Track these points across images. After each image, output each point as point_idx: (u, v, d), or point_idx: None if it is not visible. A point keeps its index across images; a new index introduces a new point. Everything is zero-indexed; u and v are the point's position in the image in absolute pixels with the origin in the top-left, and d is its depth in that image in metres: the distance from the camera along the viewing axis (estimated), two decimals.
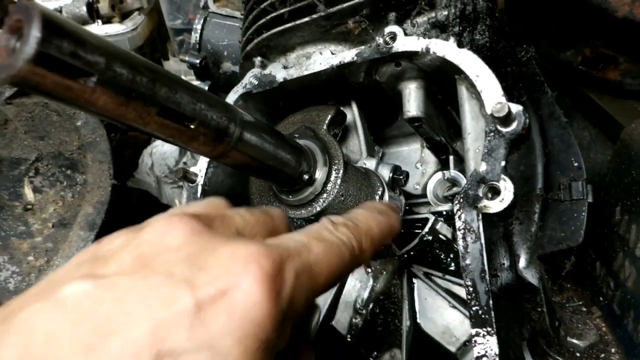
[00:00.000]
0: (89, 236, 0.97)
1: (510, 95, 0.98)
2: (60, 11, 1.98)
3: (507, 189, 0.68)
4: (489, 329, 0.66)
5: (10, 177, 1.01)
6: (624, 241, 1.04)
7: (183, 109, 0.62)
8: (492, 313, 0.66)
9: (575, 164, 0.97)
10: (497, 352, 0.65)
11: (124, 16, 2.00)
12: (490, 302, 0.67)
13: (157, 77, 0.59)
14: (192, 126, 0.64)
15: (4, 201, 0.98)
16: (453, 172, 1.09)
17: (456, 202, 0.70)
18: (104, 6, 1.93)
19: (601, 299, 1.14)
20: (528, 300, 1.04)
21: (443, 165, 1.17)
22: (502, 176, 0.69)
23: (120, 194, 1.22)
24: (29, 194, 0.99)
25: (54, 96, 0.54)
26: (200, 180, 1.02)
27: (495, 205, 0.69)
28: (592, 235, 1.14)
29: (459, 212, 0.69)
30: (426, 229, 1.13)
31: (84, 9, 1.89)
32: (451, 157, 1.09)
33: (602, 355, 1.08)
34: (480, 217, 0.69)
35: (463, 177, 1.09)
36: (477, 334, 0.66)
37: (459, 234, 0.69)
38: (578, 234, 0.94)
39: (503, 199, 0.68)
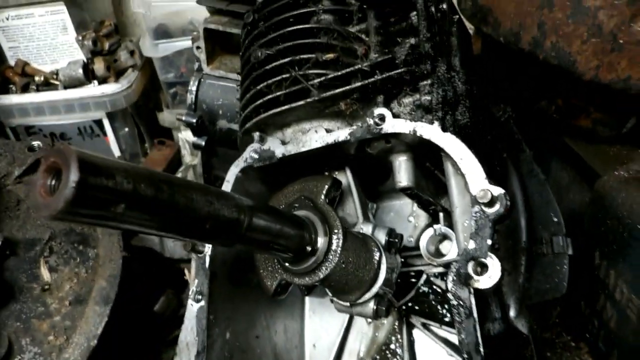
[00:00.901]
0: (105, 311, 1.02)
1: (489, 161, 1.07)
2: (57, 74, 2.05)
3: (494, 265, 0.76)
4: None
5: (27, 259, 1.07)
6: (605, 285, 1.11)
7: (199, 214, 0.69)
8: None
9: (555, 219, 1.05)
10: None
11: (119, 74, 2.07)
12: None
13: (174, 190, 0.66)
14: (207, 226, 0.71)
15: (23, 284, 1.03)
16: (443, 228, 1.16)
17: (449, 280, 0.77)
18: (99, 67, 2.00)
19: (587, 335, 1.22)
20: (519, 347, 1.10)
21: (434, 218, 1.25)
22: (489, 254, 0.77)
23: (128, 262, 1.27)
24: (45, 274, 1.05)
25: (87, 223, 0.61)
26: (208, 251, 1.08)
27: (484, 282, 0.76)
28: (575, 276, 1.23)
29: (452, 290, 0.77)
30: (421, 282, 1.21)
31: (80, 71, 1.95)
32: (440, 214, 1.16)
33: None
34: (472, 293, 0.76)
35: (452, 232, 1.16)
36: None
37: (455, 311, 0.76)
38: (562, 285, 1.02)
39: (491, 276, 0.76)
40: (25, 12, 2.05)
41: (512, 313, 1.07)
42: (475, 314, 0.75)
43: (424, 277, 1.19)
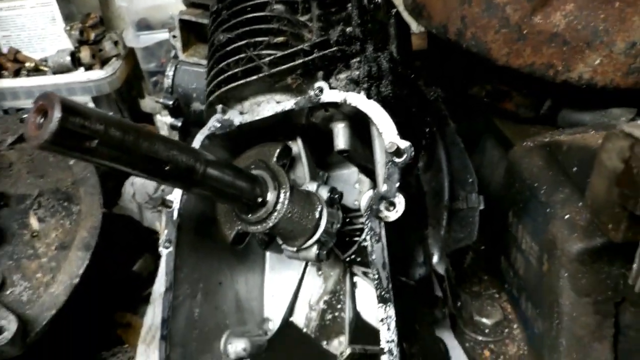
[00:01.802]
0: (86, 255, 1.20)
1: (417, 130, 1.26)
2: (46, 61, 2.21)
3: (400, 202, 0.95)
4: (389, 304, 0.91)
5: (18, 210, 1.24)
6: (515, 238, 1.31)
7: (160, 156, 0.87)
8: (391, 293, 0.92)
9: (470, 180, 1.25)
10: (396, 319, 0.90)
11: (104, 62, 2.24)
12: (390, 285, 0.92)
13: (140, 135, 0.84)
14: (167, 168, 0.89)
15: (15, 230, 1.20)
16: None
17: (364, 214, 0.96)
18: (85, 55, 2.17)
19: (506, 285, 1.42)
20: (443, 289, 1.30)
21: (376, 185, 1.43)
22: (397, 193, 0.96)
23: (108, 220, 1.44)
24: (34, 223, 1.21)
25: (68, 154, 0.78)
26: (176, 205, 1.26)
27: (392, 215, 0.95)
28: (496, 235, 1.43)
29: (367, 222, 0.96)
30: (363, 237, 1.40)
31: (68, 58, 2.12)
32: None
33: (506, 330, 1.35)
34: (382, 224, 0.95)
35: None
36: (381, 308, 0.91)
37: (367, 238, 0.95)
38: (473, 234, 1.21)
39: (397, 211, 0.95)
40: (17, 3, 2.21)
41: (435, 259, 1.27)
42: (384, 240, 0.94)
43: (365, 232, 1.38)
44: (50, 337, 1.16)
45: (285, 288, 1.48)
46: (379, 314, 0.89)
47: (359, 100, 1.05)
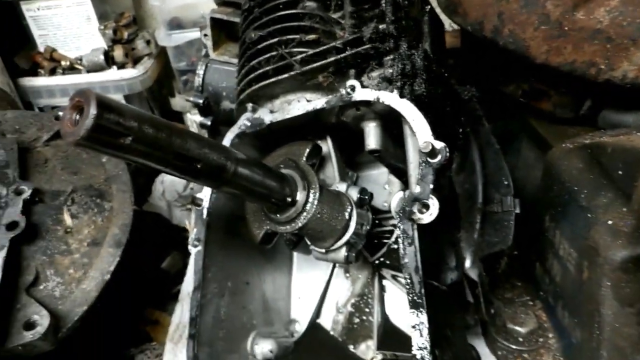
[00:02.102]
0: (117, 252, 1.21)
1: (451, 130, 1.23)
2: (81, 60, 2.26)
3: (434, 205, 0.92)
4: (422, 310, 0.89)
5: (52, 206, 1.26)
6: (552, 244, 1.26)
7: (192, 154, 0.86)
8: (424, 298, 0.89)
9: (505, 183, 1.21)
10: (428, 326, 0.87)
11: (136, 61, 2.28)
12: (423, 290, 0.90)
13: (172, 132, 0.83)
14: (198, 166, 0.88)
15: (49, 226, 1.22)
16: None
17: (396, 215, 0.93)
18: (118, 54, 2.21)
19: (541, 293, 1.37)
20: (475, 295, 1.26)
21: (406, 186, 1.41)
22: (431, 195, 0.93)
23: (138, 217, 1.46)
24: (67, 219, 1.23)
25: (102, 151, 0.78)
26: (205, 204, 1.26)
27: (426, 218, 0.92)
28: (531, 240, 1.38)
29: (399, 224, 0.93)
30: (392, 239, 1.37)
31: (102, 57, 2.16)
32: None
33: (541, 339, 1.30)
34: (415, 227, 0.92)
35: None
36: (413, 313, 0.89)
37: (399, 240, 0.93)
38: (508, 238, 1.17)
39: (431, 213, 0.92)
40: (53, 3, 2.26)
41: (467, 264, 1.23)
42: (416, 244, 0.91)
43: (395, 235, 1.35)
44: (81, 333, 1.17)
45: (313, 289, 1.47)
46: (410, 320, 0.87)
47: (392, 99, 1.02)
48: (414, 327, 0.87)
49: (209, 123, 1.89)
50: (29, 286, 1.14)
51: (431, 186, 0.93)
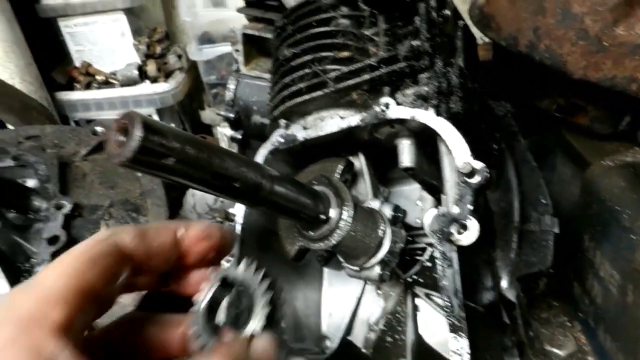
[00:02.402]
0: None
1: (486, 147, 1.21)
2: (115, 74, 2.32)
3: (473, 226, 0.91)
4: (462, 334, 0.87)
5: (90, 220, 1.29)
6: (592, 264, 1.23)
7: (230, 173, 0.87)
8: (464, 322, 0.87)
9: (543, 201, 1.18)
10: (468, 351, 0.85)
11: (167, 75, 2.33)
12: (462, 313, 0.88)
13: (212, 152, 0.84)
14: (236, 184, 0.89)
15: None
16: (444, 209, 1.30)
17: (435, 237, 0.92)
18: (151, 69, 2.26)
19: (580, 314, 1.33)
20: (512, 316, 1.23)
21: (439, 202, 1.39)
22: (469, 216, 0.91)
23: None
24: None
25: (146, 172, 0.79)
26: (239, 219, 1.26)
27: (464, 239, 0.91)
28: (569, 259, 1.34)
29: (437, 245, 0.92)
30: (425, 257, 1.35)
31: (135, 72, 2.21)
32: (442, 196, 1.31)
33: None
34: (454, 248, 0.91)
35: None
36: (454, 337, 0.87)
37: (438, 262, 0.91)
38: (547, 259, 1.14)
39: (471, 235, 0.90)
40: (90, 19, 2.34)
41: (504, 284, 1.20)
42: (456, 266, 0.90)
43: (428, 253, 1.33)
44: None
45: (344, 306, 1.45)
46: (451, 345, 0.85)
47: (428, 117, 1.02)
48: (454, 352, 0.85)
49: (239, 137, 1.91)
50: None
51: (470, 207, 0.92)
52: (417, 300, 1.34)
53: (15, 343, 0.41)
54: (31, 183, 1.45)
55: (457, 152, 0.96)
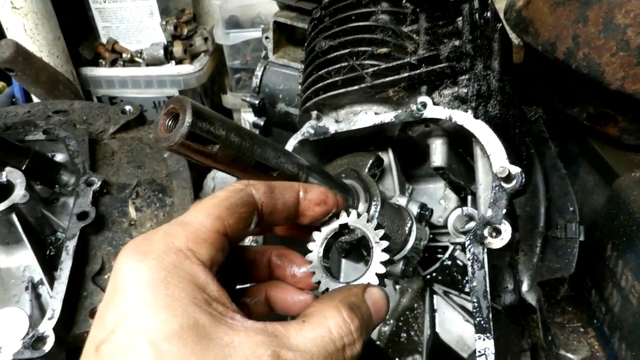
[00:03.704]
0: None
1: (517, 152, 1.21)
2: (141, 53, 2.32)
3: (506, 230, 0.91)
4: (488, 335, 0.88)
5: (118, 198, 1.30)
6: (613, 273, 1.24)
7: (270, 163, 0.88)
8: (491, 323, 0.89)
9: (571, 209, 1.19)
10: (494, 352, 0.87)
11: (193, 57, 2.32)
12: (490, 315, 0.89)
13: (254, 141, 0.85)
14: (274, 174, 0.90)
15: (115, 217, 1.27)
16: (470, 209, 1.31)
17: (467, 239, 0.93)
18: (177, 50, 2.26)
19: (595, 321, 1.34)
20: (530, 319, 1.24)
21: (462, 202, 1.40)
22: (503, 220, 0.92)
23: None
24: (132, 212, 1.27)
25: (190, 157, 0.81)
26: None
27: (497, 243, 0.92)
28: (589, 266, 1.35)
29: (469, 247, 0.93)
30: (446, 255, 1.36)
31: (161, 52, 2.21)
32: (469, 197, 1.32)
33: None
34: (485, 251, 0.92)
35: (477, 212, 1.31)
36: (480, 338, 0.88)
37: (469, 263, 0.92)
38: (570, 265, 1.15)
39: (503, 238, 0.91)
40: None
41: (524, 288, 1.21)
42: (486, 268, 0.91)
43: (449, 251, 1.35)
44: None
45: None
46: (477, 345, 0.87)
47: (465, 119, 1.02)
48: (479, 352, 0.87)
49: (262, 123, 1.92)
50: (95, 275, 1.18)
51: (504, 211, 0.92)
52: (435, 298, 1.35)
53: (178, 270, 0.51)
54: (60, 157, 1.46)
55: (494, 155, 0.96)
